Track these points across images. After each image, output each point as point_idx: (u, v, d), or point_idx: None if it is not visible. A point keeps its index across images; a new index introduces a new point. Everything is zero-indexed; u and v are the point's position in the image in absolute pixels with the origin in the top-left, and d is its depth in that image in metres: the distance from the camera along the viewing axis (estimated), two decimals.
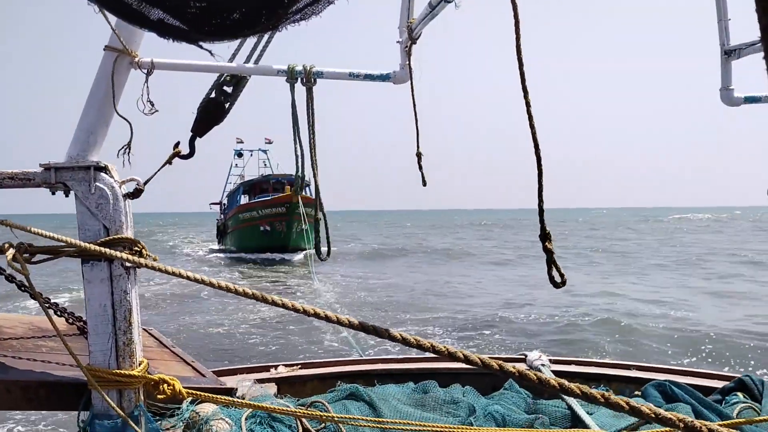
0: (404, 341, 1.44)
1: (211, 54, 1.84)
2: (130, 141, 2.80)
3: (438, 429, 2.86)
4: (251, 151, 46.68)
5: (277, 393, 3.77)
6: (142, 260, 2.44)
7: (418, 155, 2.97)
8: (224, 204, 43.78)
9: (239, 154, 46.30)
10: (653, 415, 1.10)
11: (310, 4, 1.20)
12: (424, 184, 3.05)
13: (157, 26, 1.32)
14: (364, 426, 2.95)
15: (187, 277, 2.10)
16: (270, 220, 32.37)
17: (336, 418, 2.90)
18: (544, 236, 1.88)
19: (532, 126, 1.69)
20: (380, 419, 3.04)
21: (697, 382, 4.18)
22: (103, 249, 2.42)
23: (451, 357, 1.40)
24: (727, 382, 4.04)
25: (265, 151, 47.02)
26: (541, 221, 1.87)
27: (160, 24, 1.26)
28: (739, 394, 3.91)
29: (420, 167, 3.00)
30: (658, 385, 3.75)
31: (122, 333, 2.69)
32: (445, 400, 3.50)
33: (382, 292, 20.53)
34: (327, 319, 1.58)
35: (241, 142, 45.99)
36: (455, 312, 16.07)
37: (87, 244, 2.49)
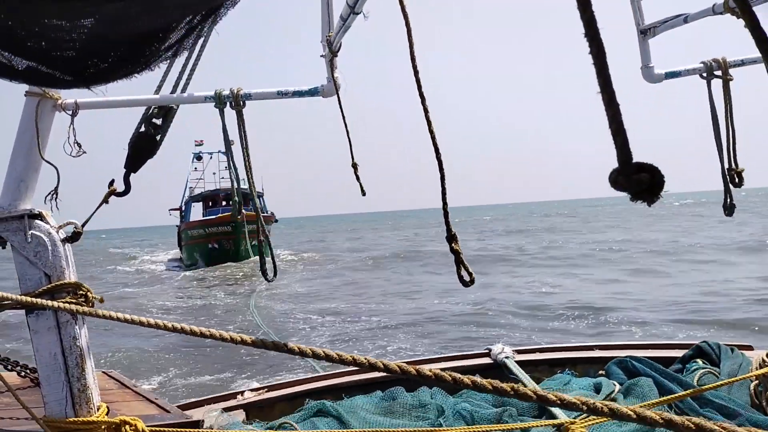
0: (301, 353, 1.45)
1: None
2: (56, 186, 2.75)
3: None
4: (211, 153, 43.97)
5: (245, 419, 3.73)
6: (84, 308, 2.39)
7: (354, 166, 2.98)
8: (183, 210, 42.13)
9: (198, 158, 43.56)
10: (558, 401, 1.15)
11: (180, 40, 1.20)
12: (363, 194, 3.07)
13: (25, 75, 1.30)
14: None
15: (132, 321, 2.07)
16: (218, 239, 32.55)
17: None
18: (450, 237, 1.92)
19: (431, 131, 1.73)
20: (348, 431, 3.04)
21: (657, 354, 4.28)
22: (43, 301, 2.38)
23: (372, 368, 1.41)
24: (687, 351, 4.15)
25: (226, 154, 44.80)
26: (447, 223, 1.91)
27: (30, 73, 1.25)
28: (698, 360, 4.02)
29: (357, 177, 3.02)
30: (620, 362, 3.84)
31: (76, 380, 2.64)
32: (413, 404, 3.51)
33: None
34: (222, 339, 1.59)
35: (201, 144, 43.41)
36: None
37: (28, 298, 2.44)
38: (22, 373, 3.19)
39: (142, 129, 2.87)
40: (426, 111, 1.67)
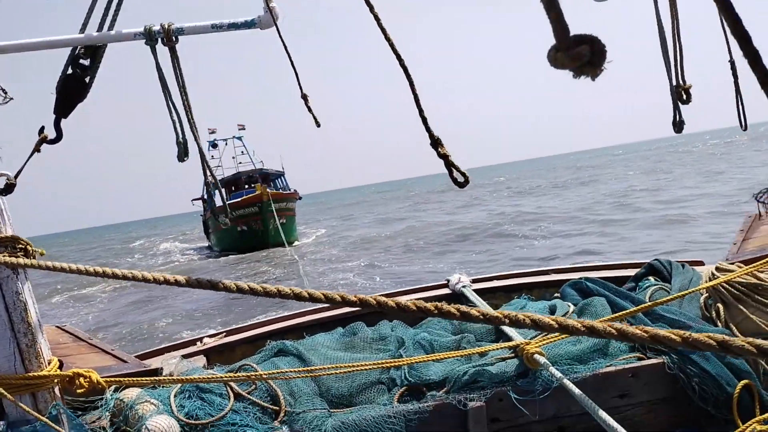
0: (252, 292, 1.40)
1: None
2: None
3: (367, 367, 2.88)
4: (225, 139, 44.50)
5: (206, 365, 3.71)
6: (23, 260, 2.30)
7: (304, 97, 2.88)
8: (205, 199, 41.95)
9: (213, 145, 43.72)
10: (507, 320, 1.13)
11: None
12: (318, 125, 2.97)
13: None
14: (294, 378, 2.95)
15: (78, 271, 1.99)
16: (245, 221, 32.16)
17: (264, 376, 2.88)
18: (435, 143, 1.88)
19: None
20: (309, 368, 3.04)
21: (611, 274, 4.38)
22: None
23: (331, 301, 1.38)
24: (639, 269, 4.25)
25: (239, 138, 44.80)
26: (427, 129, 1.87)
27: None
28: (650, 278, 4.11)
29: (309, 109, 2.92)
30: (574, 284, 3.90)
31: (23, 335, 2.55)
32: (373, 338, 3.53)
33: None
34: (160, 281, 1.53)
35: (214, 132, 43.53)
36: None
37: None
38: None
39: (69, 71, 2.71)
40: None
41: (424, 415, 2.78)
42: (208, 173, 2.94)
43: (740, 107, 3.60)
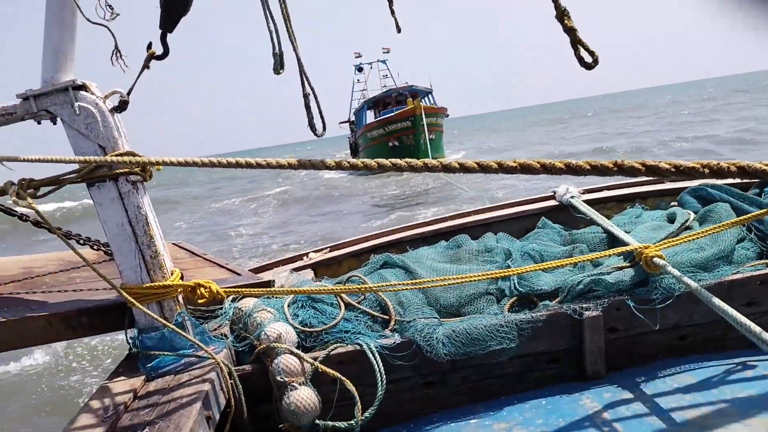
0: (375, 167, 1.35)
1: None
2: (116, 44, 2.65)
3: (476, 278, 2.85)
4: (370, 63, 46.32)
5: (314, 277, 3.80)
6: (140, 174, 2.36)
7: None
8: (352, 121, 44.59)
9: (359, 69, 46.11)
10: (673, 169, 1.04)
11: None
12: (399, 30, 2.90)
13: None
14: (403, 289, 2.96)
15: (194, 163, 2.02)
16: (397, 135, 33.00)
17: (373, 288, 2.91)
18: (561, 15, 1.71)
19: None
20: (417, 281, 3.05)
21: (732, 182, 4.09)
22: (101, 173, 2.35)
23: (430, 169, 1.32)
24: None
25: (384, 62, 46.30)
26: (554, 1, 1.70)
27: None
28: None
29: (392, 12, 2.83)
30: (694, 191, 3.66)
31: (146, 247, 2.67)
32: (479, 250, 3.48)
33: None
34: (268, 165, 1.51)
35: (360, 56, 45.56)
36: None
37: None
38: (95, 247, 3.26)
39: None
40: None
41: (537, 324, 2.73)
42: (306, 86, 2.92)
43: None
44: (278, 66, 2.81)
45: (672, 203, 3.88)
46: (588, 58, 1.73)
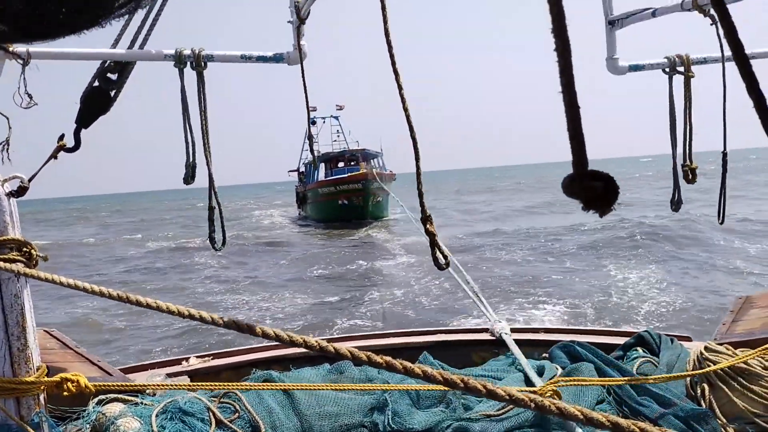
0: (277, 337, 1.42)
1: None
2: (8, 137, 2.64)
3: (352, 409, 2.88)
4: (323, 118, 47.92)
5: (190, 386, 3.69)
6: (24, 269, 2.32)
7: (310, 137, 2.95)
8: (302, 171, 47.09)
9: (313, 122, 46.89)
10: (485, 392, 1.17)
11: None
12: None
13: None
14: (278, 413, 2.94)
15: (73, 286, 2.01)
16: (348, 195, 35.54)
17: (249, 407, 2.88)
18: (425, 219, 1.91)
19: (405, 109, 1.71)
20: (294, 406, 3.04)
21: (600, 340, 4.39)
22: None
23: (309, 348, 1.40)
24: (628, 339, 4.26)
25: (336, 118, 48.07)
26: (422, 204, 1.90)
27: None
28: (639, 349, 4.13)
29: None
30: (564, 347, 3.91)
31: (15, 338, 2.56)
32: (360, 379, 3.53)
33: None
34: (200, 319, 1.55)
35: (314, 110, 46.07)
36: None
37: None
38: None
39: (96, 84, 2.77)
40: (399, 88, 1.65)
41: None
42: (213, 200, 2.99)
43: (722, 201, 3.67)
44: (189, 176, 2.89)
45: (543, 354, 4.10)
46: (442, 260, 1.95)
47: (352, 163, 39.00)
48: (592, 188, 0.59)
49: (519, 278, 16.21)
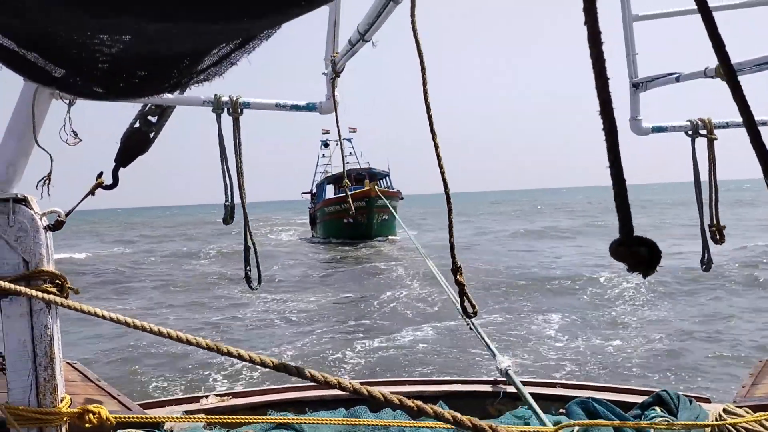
0: (313, 378, 1.47)
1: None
2: (50, 173, 2.74)
3: None
4: (336, 140, 49.17)
5: (206, 425, 3.71)
6: (58, 299, 2.39)
7: (345, 185, 3.03)
8: (314, 193, 48.76)
9: (325, 144, 49.70)
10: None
11: (214, 65, 1.23)
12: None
13: (61, 84, 1.31)
14: None
15: (105, 317, 2.07)
16: (353, 214, 35.64)
17: None
18: (456, 270, 1.96)
19: (438, 157, 1.78)
20: None
21: (618, 398, 4.35)
22: (17, 287, 2.36)
23: (329, 386, 1.44)
24: (646, 397, 4.22)
25: (349, 140, 48.82)
26: (452, 255, 1.95)
27: (65, 81, 1.26)
28: (657, 408, 4.09)
29: (347, 194, 3.08)
30: (581, 403, 3.89)
31: (42, 369, 2.61)
32: (375, 426, 3.53)
33: None
34: (241, 358, 1.60)
35: (327, 132, 47.60)
36: None
37: (3, 282, 2.42)
38: None
39: (137, 125, 2.88)
40: (433, 135, 1.72)
41: None
42: (249, 240, 3.06)
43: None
44: (228, 216, 2.97)
45: (561, 410, 4.07)
46: (470, 309, 1.99)
47: (359, 182, 39.04)
48: (637, 254, 0.64)
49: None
